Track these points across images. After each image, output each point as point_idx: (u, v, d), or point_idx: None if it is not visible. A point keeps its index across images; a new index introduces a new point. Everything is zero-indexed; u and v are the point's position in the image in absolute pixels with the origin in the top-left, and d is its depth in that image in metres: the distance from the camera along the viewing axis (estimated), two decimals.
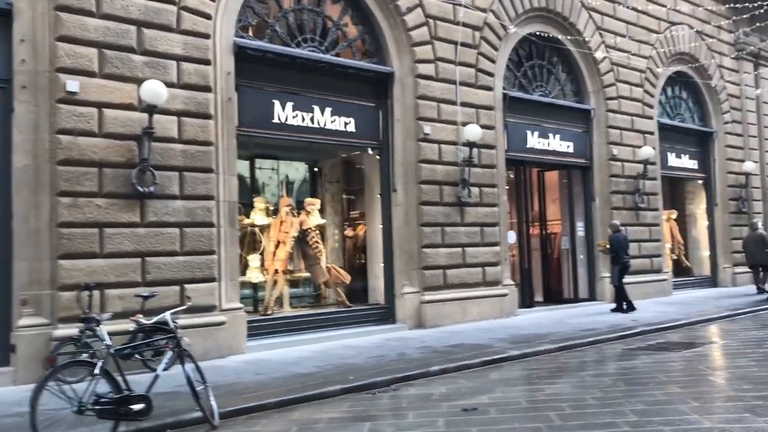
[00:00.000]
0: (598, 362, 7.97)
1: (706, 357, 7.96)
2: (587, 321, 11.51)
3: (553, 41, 14.11)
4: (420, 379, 7.43)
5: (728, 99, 18.38)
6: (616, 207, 14.82)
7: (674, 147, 17.15)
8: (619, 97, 15.13)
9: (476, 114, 12.27)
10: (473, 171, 12.04)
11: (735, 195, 18.23)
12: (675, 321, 11.36)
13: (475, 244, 12.06)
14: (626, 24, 15.47)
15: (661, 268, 15.77)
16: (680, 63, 17.10)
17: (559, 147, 14.15)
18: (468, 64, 12.25)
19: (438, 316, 11.29)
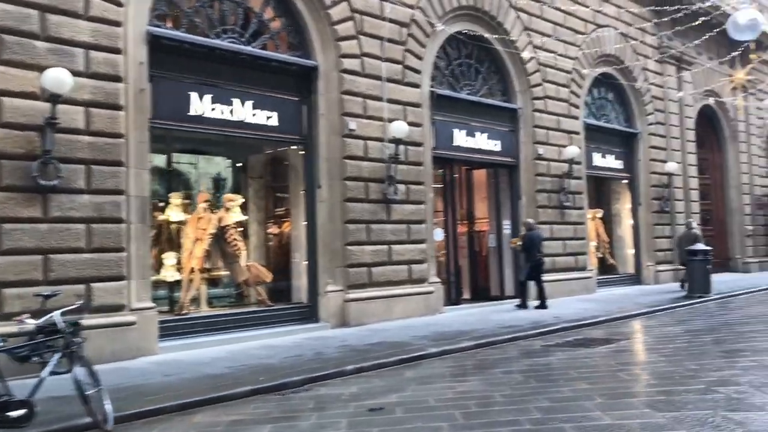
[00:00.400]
0: (513, 359, 7.96)
1: (619, 353, 8.06)
2: (510, 318, 11.57)
3: (481, 40, 14.17)
4: (334, 379, 7.26)
5: (652, 101, 18.88)
6: (541, 205, 14.99)
7: (600, 147, 17.49)
8: (545, 97, 15.31)
9: (403, 111, 12.19)
10: (400, 168, 11.96)
11: (658, 195, 18.73)
12: (595, 317, 11.54)
13: (401, 242, 11.97)
14: (553, 25, 15.67)
15: (585, 265, 16.06)
16: (606, 65, 17.44)
17: (486, 145, 14.21)
18: (395, 61, 12.15)
19: (362, 314, 11.15)
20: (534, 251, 13.10)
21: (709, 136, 22.75)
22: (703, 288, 14.61)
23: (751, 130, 23.43)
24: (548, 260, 14.86)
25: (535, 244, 13.16)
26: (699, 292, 14.52)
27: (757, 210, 23.22)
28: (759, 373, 6.30)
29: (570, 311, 12.29)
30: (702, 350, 7.90)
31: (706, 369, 6.65)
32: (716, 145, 22.88)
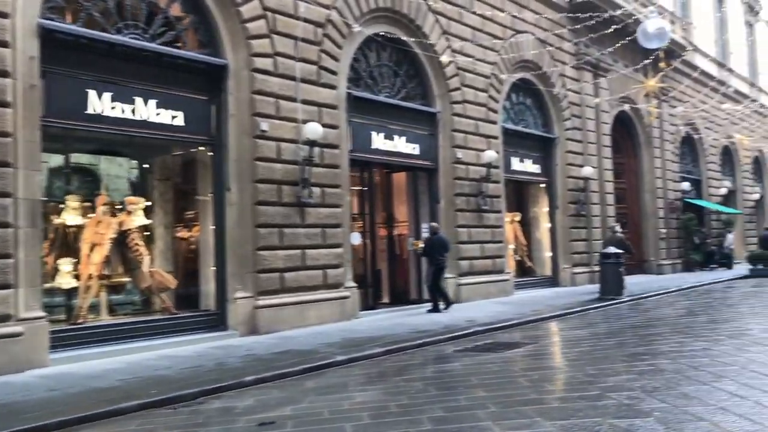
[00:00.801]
0: (419, 366, 7.85)
1: (524, 358, 8.06)
2: (425, 322, 11.50)
3: (400, 43, 14.10)
4: (232, 391, 6.97)
5: (569, 107, 19.28)
6: (460, 209, 15.04)
7: (518, 151, 17.73)
8: (464, 101, 15.37)
9: (319, 112, 11.96)
10: (315, 171, 11.73)
11: (575, 198, 19.13)
12: (509, 321, 11.60)
13: (316, 246, 11.73)
14: (472, 29, 15.76)
15: (503, 268, 16.21)
16: (524, 70, 17.68)
17: (405, 149, 14.15)
18: (310, 61, 11.91)
19: (273, 321, 10.85)
20: (435, 255, 13.11)
21: (625, 141, 23.45)
22: (616, 290, 14.97)
23: (665, 136, 24.28)
24: (466, 263, 15.02)
25: (435, 247, 13.16)
26: (611, 294, 14.86)
27: (670, 213, 24.08)
28: (653, 377, 6.38)
29: (485, 314, 12.32)
30: (604, 354, 7.99)
31: (604, 374, 6.70)
32: (632, 150, 23.61)
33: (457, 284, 14.81)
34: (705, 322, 10.55)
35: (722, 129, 29.10)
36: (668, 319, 11.45)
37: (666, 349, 8.01)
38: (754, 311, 11.80)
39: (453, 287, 14.75)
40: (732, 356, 7.27)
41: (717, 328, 9.65)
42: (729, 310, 12.35)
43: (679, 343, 8.38)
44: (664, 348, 8.08)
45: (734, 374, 6.31)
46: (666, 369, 6.74)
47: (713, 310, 12.48)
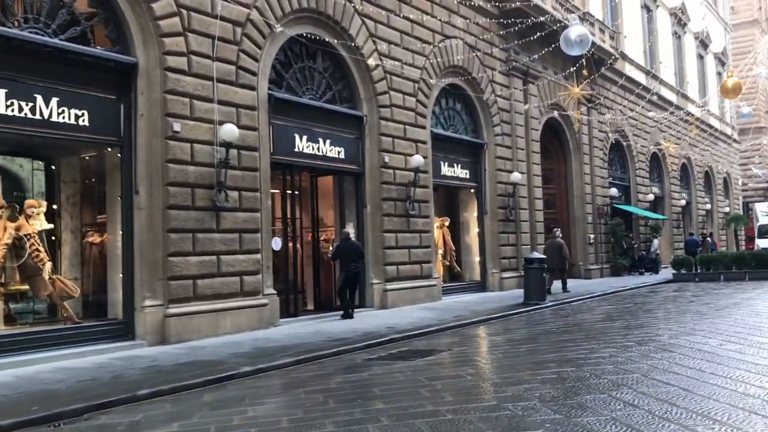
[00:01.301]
0: (326, 376, 7.62)
1: (434, 366, 7.91)
2: (345, 330, 11.27)
3: (326, 45, 13.87)
4: (124, 405, 6.59)
5: (499, 112, 19.40)
6: (387, 214, 14.89)
7: (447, 156, 17.71)
8: (392, 106, 15.24)
9: (236, 113, 11.62)
10: (232, 174, 11.39)
11: (503, 204, 19.24)
12: (430, 327, 11.49)
13: (232, 252, 11.37)
14: (400, 33, 15.66)
15: (431, 274, 16.13)
16: (454, 75, 17.69)
17: (330, 152, 13.91)
18: (228, 61, 11.56)
19: (185, 330, 10.44)
20: (347, 261, 12.94)
21: (555, 147, 23.80)
22: (539, 295, 15.07)
23: (594, 143, 24.75)
24: (393, 269, 14.87)
25: (347, 254, 12.98)
26: (535, 300, 14.95)
27: (599, 219, 24.54)
28: (555, 386, 6.31)
29: (406, 321, 12.18)
30: (513, 362, 7.93)
31: (507, 383, 6.61)
32: (561, 156, 23.97)
33: (384, 290, 14.65)
34: (619, 328, 10.65)
35: (650, 136, 29.90)
36: (584, 324, 11.53)
37: (574, 356, 8.00)
38: (668, 317, 12.01)
39: (379, 293, 14.60)
40: (636, 363, 7.29)
41: (629, 334, 9.74)
42: (645, 315, 12.54)
43: (589, 350, 8.39)
44: (573, 355, 8.06)
45: (634, 382, 6.29)
46: (569, 377, 6.69)
47: (630, 315, 12.65)
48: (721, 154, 40.77)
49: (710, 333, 9.38)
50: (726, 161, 41.86)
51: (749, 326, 10.02)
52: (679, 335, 9.31)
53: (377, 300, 14.51)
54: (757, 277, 21.04)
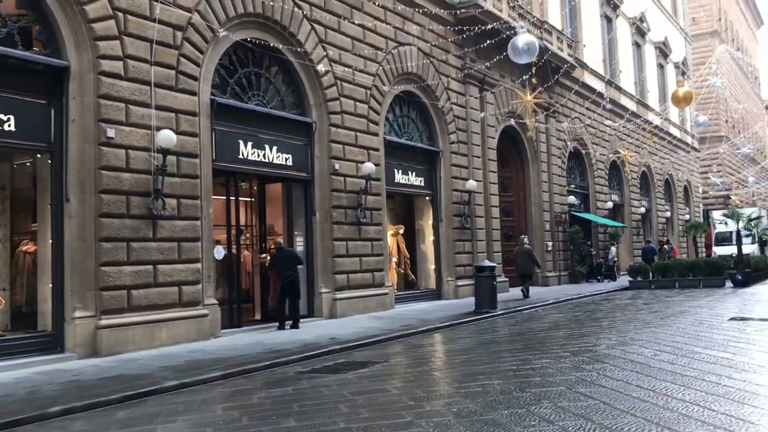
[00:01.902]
0: (250, 391, 7.38)
1: (363, 379, 7.71)
2: (285, 340, 11.03)
3: (273, 50, 13.65)
4: (33, 424, 6.32)
5: (455, 120, 19.34)
6: (337, 222, 14.69)
7: (401, 164, 17.58)
8: (342, 112, 15.07)
9: (176, 119, 11.35)
10: (171, 181, 11.11)
11: (459, 211, 19.16)
12: (375, 337, 11.31)
13: (170, 261, 11.07)
14: (352, 40, 15.51)
15: (383, 282, 15.96)
16: (408, 83, 17.59)
17: (277, 159, 13.67)
18: (167, 65, 11.29)
19: (118, 342, 10.11)
20: (282, 270, 12.74)
21: (513, 155, 23.85)
22: (490, 303, 14.98)
23: (552, 151, 24.85)
24: (343, 277, 14.67)
25: (282, 262, 12.78)
26: (486, 308, 14.86)
27: (557, 227, 24.62)
28: (476, 399, 6.17)
29: (351, 331, 11.98)
30: (444, 374, 7.79)
31: (430, 396, 6.45)
32: (519, 164, 24.02)
33: (333, 299, 14.44)
34: (560, 338, 10.58)
35: (610, 144, 30.15)
36: (528, 334, 11.45)
37: (506, 367, 7.88)
38: (613, 326, 11.98)
39: (328, 302, 14.39)
40: (565, 375, 7.19)
41: (567, 344, 9.66)
42: (591, 324, 12.50)
43: (523, 361, 8.28)
44: (505, 366, 7.94)
45: (556, 396, 6.18)
46: (493, 390, 6.56)
47: (576, 324, 12.61)
48: (682, 162, 41.35)
49: (648, 343, 9.34)
50: (686, 169, 42.46)
51: (688, 335, 10.02)
52: (617, 345, 9.26)
53: (326, 309, 14.30)
54: (711, 285, 21.29)
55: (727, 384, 6.45)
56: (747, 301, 15.77)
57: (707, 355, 8.10)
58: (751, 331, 10.35)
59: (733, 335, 9.89)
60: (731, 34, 59.84)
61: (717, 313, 13.24)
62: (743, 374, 6.90)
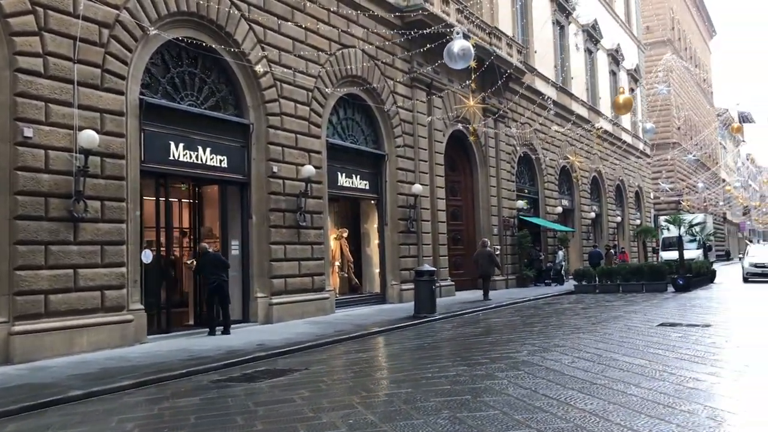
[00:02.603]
0: (155, 401, 7.15)
1: (275, 389, 7.49)
2: (211, 347, 10.79)
3: (209, 50, 13.39)
4: None
5: (401, 124, 19.28)
6: (275, 225, 14.47)
7: (345, 167, 17.44)
8: (282, 114, 14.86)
9: (101, 119, 11.03)
10: (94, 182, 10.79)
11: (405, 215, 19.09)
12: (305, 343, 11.14)
13: (92, 265, 10.74)
14: (293, 41, 15.32)
15: (323, 286, 15.78)
16: (353, 85, 17.47)
17: (211, 161, 13.40)
18: (92, 63, 10.96)
19: (33, 349, 9.75)
20: (208, 275, 12.51)
21: (462, 159, 23.90)
22: (429, 308, 14.93)
23: (501, 156, 24.97)
24: (280, 282, 14.45)
25: (207, 267, 12.56)
26: (424, 312, 14.80)
27: (505, 231, 24.75)
28: (375, 411, 6.06)
29: (283, 337, 11.80)
30: (357, 383, 7.67)
31: (332, 408, 6.31)
32: (468, 168, 24.08)
33: (269, 303, 14.21)
34: (487, 343, 10.54)
35: (560, 150, 30.46)
36: (458, 339, 11.41)
37: (421, 375, 7.79)
38: (544, 331, 12.01)
39: (264, 307, 14.16)
40: (475, 383, 7.13)
41: (492, 351, 9.62)
42: (524, 328, 12.53)
43: (440, 368, 8.20)
44: (421, 374, 7.85)
45: (458, 405, 6.10)
46: (398, 399, 6.46)
47: (508, 329, 12.62)
48: (633, 168, 42.05)
49: (570, 349, 9.36)
50: (638, 175, 43.20)
51: (613, 342, 10.08)
52: (538, 352, 9.25)
53: (262, 314, 14.07)
54: (653, 289, 21.63)
55: (633, 393, 6.46)
56: (682, 306, 16.01)
57: (623, 363, 8.14)
58: (675, 336, 10.47)
59: (657, 341, 9.98)
60: (684, 43, 61.23)
61: (649, 318, 13.40)
62: (651, 382, 6.91)
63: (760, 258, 26.67)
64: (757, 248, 29.80)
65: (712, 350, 8.95)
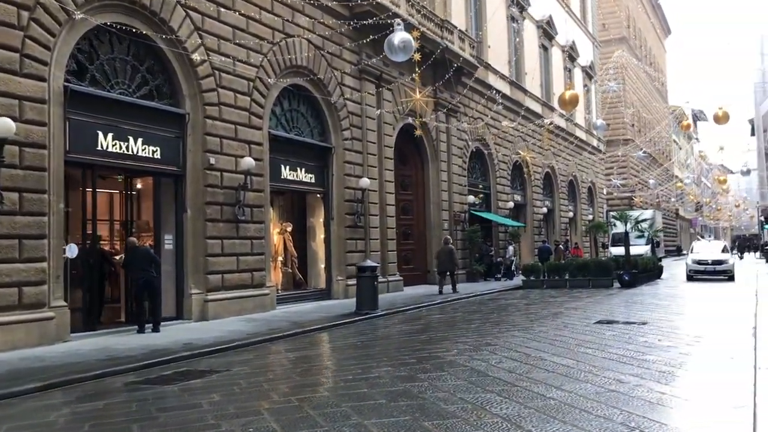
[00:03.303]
0: (56, 406, 6.73)
1: (186, 393, 7.09)
2: (135, 346, 10.34)
3: (142, 36, 12.86)
4: None
5: (349, 116, 18.95)
6: (212, 219, 14.03)
7: (289, 160, 17.05)
8: (221, 104, 14.41)
9: (19, 106, 10.48)
10: (11, 173, 10.27)
11: (352, 209, 18.80)
12: (233, 342, 10.76)
13: (9, 260, 10.21)
14: (233, 29, 14.85)
15: (263, 282, 15.39)
16: (297, 76, 17.06)
17: (143, 152, 12.89)
18: (9, 48, 10.40)
19: None
20: (136, 270, 12.06)
21: (413, 153, 23.69)
22: (371, 304, 14.69)
23: (453, 150, 24.83)
24: (216, 278, 14.04)
25: (135, 262, 12.10)
26: (366, 309, 14.57)
27: (455, 225, 24.64)
28: (281, 417, 5.76)
29: (214, 335, 11.41)
30: (274, 386, 7.37)
31: (238, 414, 5.98)
32: (419, 162, 23.89)
33: (205, 300, 13.78)
34: (420, 342, 10.34)
35: (513, 145, 30.49)
36: (392, 337, 11.19)
37: (342, 377, 7.54)
38: (480, 328, 11.84)
39: (199, 303, 13.73)
40: (395, 386, 6.89)
41: (422, 350, 9.41)
42: (462, 325, 12.38)
43: (363, 369, 7.94)
44: (342, 376, 7.61)
45: (370, 410, 5.85)
46: (309, 404, 6.18)
47: (446, 326, 12.46)
48: (587, 164, 42.45)
49: (501, 348, 9.21)
50: (591, 171, 43.64)
51: (545, 340, 9.96)
52: (468, 351, 9.08)
53: (197, 311, 13.64)
54: (599, 285, 21.78)
55: (552, 396, 6.29)
56: (624, 303, 16.09)
57: (550, 363, 8.00)
58: (608, 335, 10.40)
59: (589, 340, 9.89)
60: (640, 41, 62.10)
61: (588, 315, 13.37)
62: (574, 384, 6.77)
63: (704, 255, 25.75)
64: (701, 245, 29.13)
65: (642, 350, 8.87)
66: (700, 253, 26.22)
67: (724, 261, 24.98)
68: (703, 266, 24.88)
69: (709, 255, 25.51)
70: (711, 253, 25.80)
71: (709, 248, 27.32)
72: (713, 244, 29.66)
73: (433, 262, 23.67)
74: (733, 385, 6.67)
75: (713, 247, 27.52)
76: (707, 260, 24.97)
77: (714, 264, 24.80)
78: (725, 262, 24.97)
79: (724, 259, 25.12)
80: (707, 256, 25.32)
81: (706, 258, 25.16)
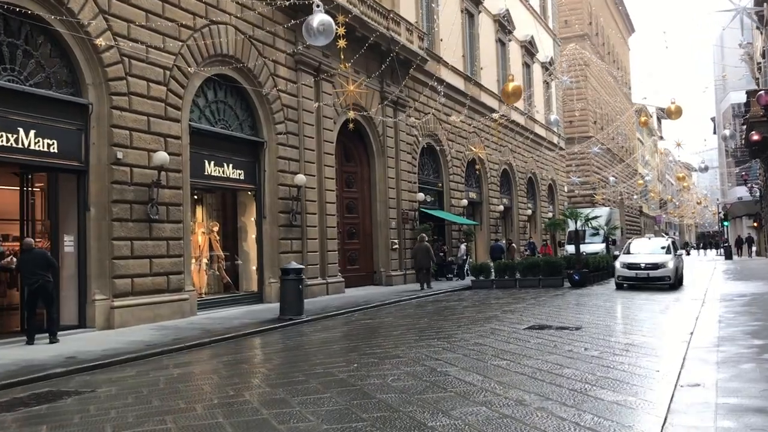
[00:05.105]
0: None
1: (18, 423, 6.14)
2: (10, 361, 9.20)
3: (34, 18, 11.70)
4: None
5: (283, 109, 17.92)
6: (119, 218, 12.92)
7: (215, 155, 15.96)
8: (130, 93, 13.30)
9: None
10: None
11: (287, 208, 17.78)
12: (124, 355, 9.69)
13: None
14: (146, 13, 13.74)
15: (182, 287, 14.29)
16: (224, 65, 15.97)
17: (36, 145, 11.75)
18: None
19: None
20: (29, 275, 10.93)
21: (359, 149, 22.76)
22: (296, 309, 13.69)
23: (402, 146, 23.93)
24: (124, 282, 12.92)
25: (28, 266, 10.98)
26: (291, 314, 13.56)
27: (404, 224, 23.74)
28: None
29: (107, 346, 10.32)
30: (137, 411, 6.34)
31: None
32: (365, 158, 22.97)
33: (111, 307, 12.66)
34: (325, 355, 9.32)
35: (467, 141, 29.69)
36: (300, 349, 10.17)
37: (209, 401, 6.54)
38: (401, 337, 10.91)
39: (104, 310, 12.61)
40: (255, 415, 5.92)
41: (320, 365, 8.34)
42: (382, 332, 11.49)
43: (237, 391, 6.95)
44: (210, 400, 6.59)
45: None
46: None
47: (366, 334, 11.53)
48: (546, 161, 41.90)
49: (406, 362, 8.28)
50: (551, 168, 43.12)
51: (464, 350, 9.08)
52: (369, 365, 8.12)
53: (101, 319, 12.51)
54: (549, 285, 21.06)
55: (435, 424, 5.39)
56: (566, 305, 15.33)
57: (453, 379, 7.10)
58: (534, 343, 9.56)
59: (510, 349, 9.03)
60: (602, 38, 61.86)
61: (523, 319, 12.55)
62: (466, 407, 5.87)
63: (636, 257, 19.88)
64: (640, 244, 22.02)
65: (562, 362, 8.00)
66: (634, 255, 20.30)
67: (662, 265, 19.00)
68: (633, 271, 19.20)
69: (643, 258, 19.57)
70: (646, 256, 19.75)
71: (649, 246, 21.23)
72: (652, 241, 22.34)
73: (378, 263, 22.86)
74: (647, 408, 5.81)
75: (651, 246, 21.16)
76: (639, 264, 19.27)
77: (648, 269, 19.04)
78: (663, 266, 18.97)
79: (661, 262, 19.14)
80: (640, 260, 19.50)
81: (638, 261, 19.43)
